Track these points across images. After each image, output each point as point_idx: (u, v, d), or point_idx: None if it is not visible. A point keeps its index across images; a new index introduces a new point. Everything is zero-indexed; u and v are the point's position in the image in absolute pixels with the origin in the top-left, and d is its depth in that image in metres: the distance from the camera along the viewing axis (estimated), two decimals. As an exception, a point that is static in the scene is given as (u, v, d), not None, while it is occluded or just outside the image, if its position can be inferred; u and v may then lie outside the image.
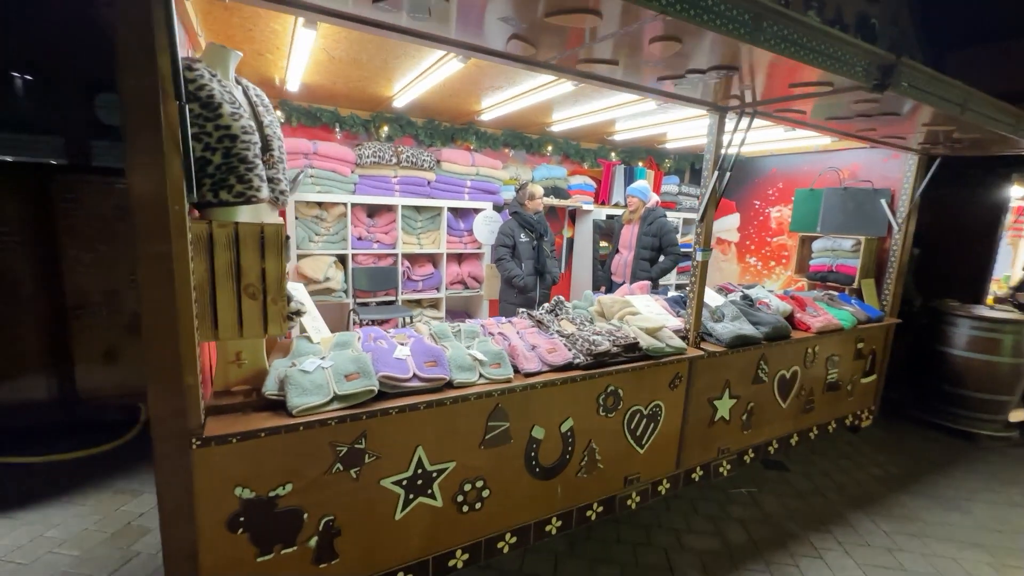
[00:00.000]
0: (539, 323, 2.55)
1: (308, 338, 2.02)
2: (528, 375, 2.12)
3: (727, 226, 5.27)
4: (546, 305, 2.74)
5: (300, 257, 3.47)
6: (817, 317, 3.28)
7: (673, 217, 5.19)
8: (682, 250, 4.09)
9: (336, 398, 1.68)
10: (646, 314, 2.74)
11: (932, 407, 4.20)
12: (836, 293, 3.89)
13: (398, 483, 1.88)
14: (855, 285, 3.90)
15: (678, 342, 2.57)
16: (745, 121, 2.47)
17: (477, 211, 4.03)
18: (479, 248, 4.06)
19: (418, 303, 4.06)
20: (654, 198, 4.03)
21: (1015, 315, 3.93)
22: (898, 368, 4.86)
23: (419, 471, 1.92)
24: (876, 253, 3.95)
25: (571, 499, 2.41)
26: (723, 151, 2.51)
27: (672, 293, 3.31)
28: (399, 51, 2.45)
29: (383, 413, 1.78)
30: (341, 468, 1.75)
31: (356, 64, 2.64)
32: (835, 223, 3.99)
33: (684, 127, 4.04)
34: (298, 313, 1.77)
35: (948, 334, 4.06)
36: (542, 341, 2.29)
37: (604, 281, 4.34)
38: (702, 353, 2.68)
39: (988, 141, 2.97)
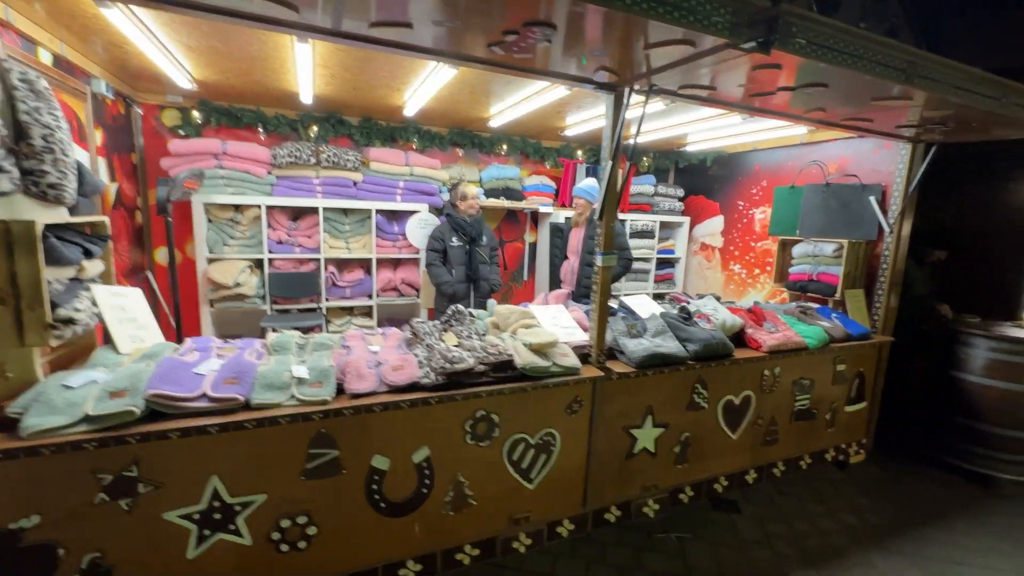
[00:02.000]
0: (415, 335, 2.28)
1: (114, 347, 1.84)
2: (355, 396, 1.85)
3: (711, 230, 4.80)
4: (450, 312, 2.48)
5: (211, 261, 3.37)
6: (774, 334, 2.83)
7: (648, 219, 4.79)
8: (634, 255, 3.70)
9: (86, 419, 1.48)
10: (546, 327, 2.42)
11: (943, 443, 3.58)
12: (815, 305, 3.39)
13: (187, 517, 1.67)
14: (837, 296, 3.38)
15: (571, 361, 2.24)
16: (653, 103, 2.13)
17: (413, 214, 3.81)
18: (416, 253, 3.84)
19: (349, 311, 3.88)
20: (604, 198, 3.67)
21: (1046, 335, 3.28)
22: (913, 396, 4.24)
23: (216, 504, 1.70)
24: (865, 259, 3.42)
25: (435, 539, 2.12)
26: (617, 136, 2.16)
27: (614, 303, 2.94)
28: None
29: (160, 436, 1.58)
30: (107, 499, 1.56)
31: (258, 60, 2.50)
32: (816, 225, 3.49)
33: (655, 123, 3.69)
34: (70, 321, 1.60)
35: (963, 357, 3.46)
36: (393, 357, 2.03)
37: (557, 288, 4.00)
38: (607, 374, 2.32)
39: (982, 121, 2.46)
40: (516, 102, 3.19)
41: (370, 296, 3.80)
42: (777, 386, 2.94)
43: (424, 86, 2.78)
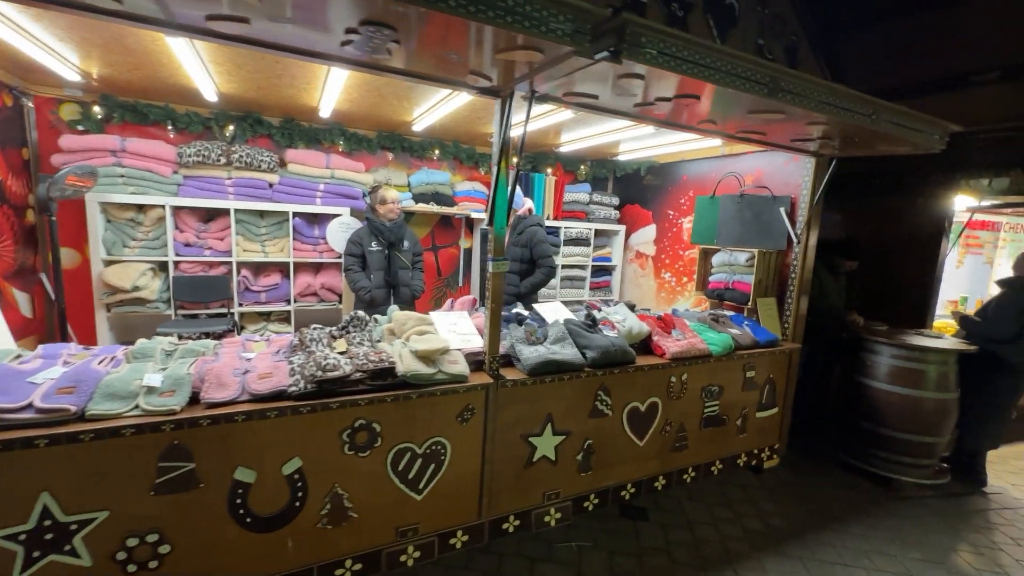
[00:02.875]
0: (301, 342, 2.21)
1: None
2: (213, 405, 1.77)
3: (644, 238, 4.89)
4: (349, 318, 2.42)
5: (108, 264, 3.21)
6: (679, 341, 2.88)
7: (583, 228, 4.84)
8: (556, 263, 3.72)
9: None
10: (441, 334, 2.39)
11: (851, 447, 3.72)
12: (729, 313, 3.47)
13: (12, 538, 1.55)
14: (750, 304, 3.47)
15: (460, 368, 2.22)
16: (562, 111, 2.14)
17: (335, 217, 3.74)
18: (337, 257, 3.76)
19: (266, 317, 3.76)
20: (527, 204, 3.69)
21: (941, 343, 3.45)
22: (831, 402, 4.40)
23: (47, 523, 1.59)
24: (776, 268, 3.54)
25: (310, 554, 2.04)
26: (503, 140, 2.16)
27: (518, 310, 2.94)
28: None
29: (-25, 451, 1.46)
30: (-90, 520, 1.43)
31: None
32: (732, 235, 3.59)
33: (581, 131, 3.74)
34: None
35: (869, 364, 3.61)
36: (264, 364, 1.96)
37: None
38: (500, 381, 2.30)
39: (863, 136, 2.59)
40: (432, 106, 3.17)
41: (288, 301, 3.69)
42: (685, 393, 2.99)
43: (329, 87, 2.73)
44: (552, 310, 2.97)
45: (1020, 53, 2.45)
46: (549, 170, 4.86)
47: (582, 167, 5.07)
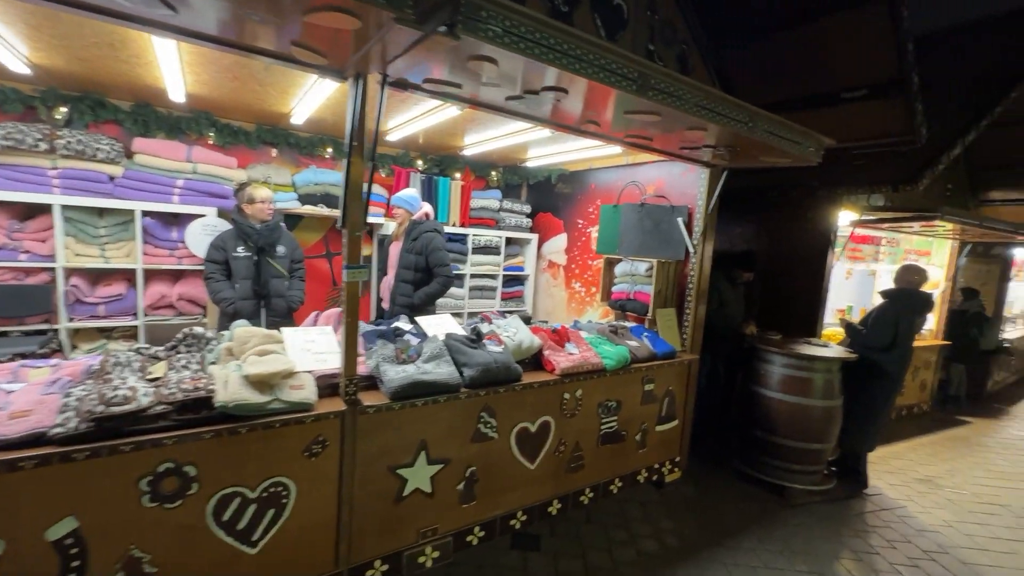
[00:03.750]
0: (102, 367, 1.78)
1: None
2: (-76, 459, 1.33)
3: (556, 247, 4.78)
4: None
5: None
6: (571, 355, 2.72)
7: (493, 235, 4.65)
8: (455, 271, 3.49)
9: None
10: (291, 353, 2.05)
11: (748, 457, 3.76)
12: (630, 324, 3.39)
13: None
14: (650, 315, 3.41)
15: (304, 394, 1.89)
16: (446, 108, 1.89)
17: (197, 218, 3.26)
18: (200, 264, 3.28)
19: (107, 333, 3.19)
20: (423, 209, 3.42)
21: (827, 352, 3.57)
22: (733, 411, 4.47)
23: None
24: (675, 279, 3.51)
25: (94, 639, 1.61)
26: (353, 129, 1.88)
27: (399, 324, 2.66)
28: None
29: None
30: None
31: None
32: (633, 244, 3.54)
33: (486, 132, 3.54)
34: None
35: (762, 373, 3.67)
36: (26, 398, 1.53)
37: (390, 304, 3.65)
38: (357, 408, 2.00)
39: (744, 146, 2.57)
40: (305, 93, 2.83)
41: (135, 315, 3.15)
42: (580, 409, 2.83)
43: (164, 62, 2.32)
44: (438, 324, 2.71)
45: (882, 72, 2.56)
46: (458, 174, 4.63)
47: (493, 173, 4.89)
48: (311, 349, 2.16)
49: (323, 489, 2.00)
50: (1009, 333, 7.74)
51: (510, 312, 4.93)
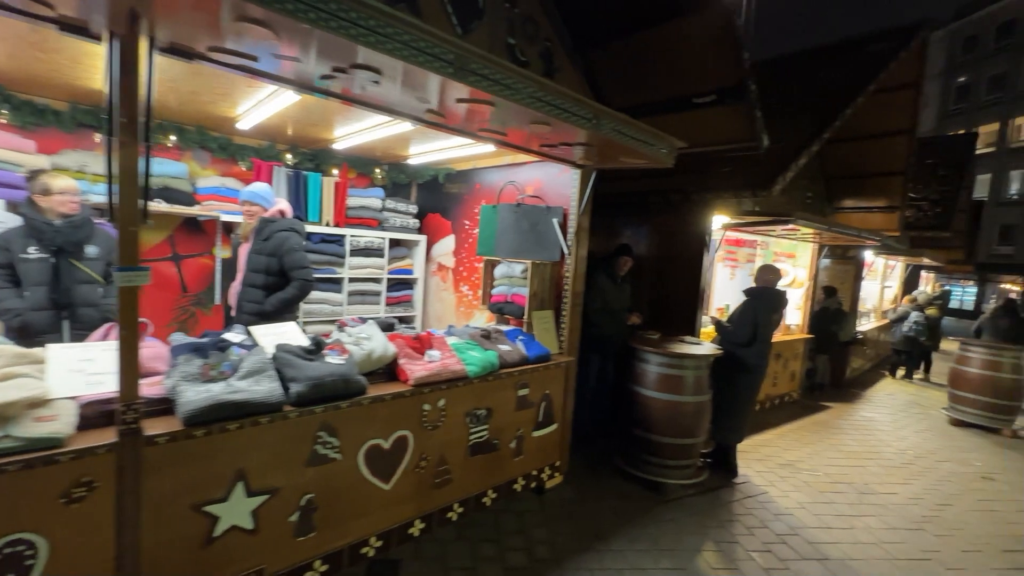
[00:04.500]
0: None
1: None
2: None
3: (445, 249, 4.60)
4: None
5: None
6: (430, 364, 2.53)
7: (375, 237, 4.36)
8: (316, 275, 3.17)
9: None
10: (51, 375, 1.66)
11: (629, 455, 3.80)
12: (505, 328, 3.28)
13: None
14: (526, 317, 3.33)
15: (54, 427, 1.53)
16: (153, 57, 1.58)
17: (-18, 212, 2.67)
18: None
19: None
20: (278, 205, 3.08)
21: (697, 349, 3.71)
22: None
23: None
24: (553, 280, 3.46)
25: None
26: (112, 102, 1.55)
27: (229, 335, 2.32)
28: None
29: None
30: None
31: None
32: (510, 245, 3.44)
33: (354, 125, 3.26)
34: None
35: (639, 371, 3.72)
36: None
37: (236, 312, 3.23)
38: (138, 438, 1.65)
39: (599, 145, 2.55)
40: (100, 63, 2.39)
41: None
42: (444, 420, 2.66)
43: None
44: (277, 333, 2.41)
45: (726, 79, 2.67)
46: (335, 171, 4.29)
47: (377, 170, 4.61)
48: (86, 370, 1.78)
49: (92, 541, 1.63)
50: (863, 326, 8.79)
51: (398, 318, 4.68)
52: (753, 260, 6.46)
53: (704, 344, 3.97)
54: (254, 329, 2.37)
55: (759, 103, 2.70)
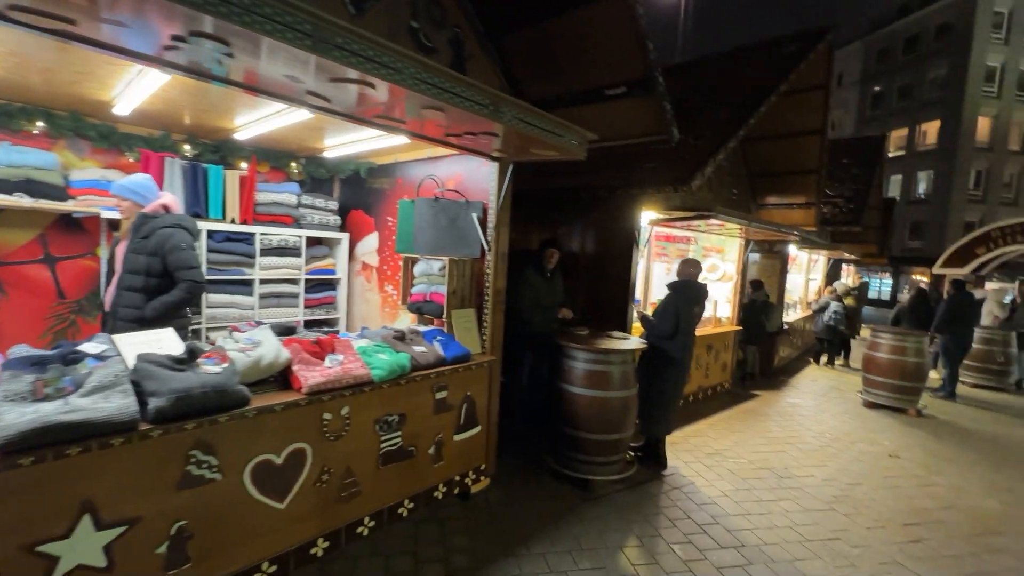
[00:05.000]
0: None
1: None
2: None
3: (368, 248, 4.38)
4: None
5: None
6: (329, 369, 2.34)
7: (290, 235, 4.08)
8: (222, 277, 2.89)
9: None
10: None
11: (557, 454, 3.75)
12: (422, 328, 3.13)
13: None
14: (445, 316, 3.19)
15: None
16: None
17: None
18: None
19: None
20: (162, 199, 2.78)
21: (623, 344, 3.70)
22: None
23: None
24: (474, 277, 3.34)
25: None
26: None
27: (86, 346, 2.04)
28: None
29: None
30: None
31: None
32: (428, 242, 3.29)
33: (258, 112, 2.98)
34: None
35: (566, 368, 3.67)
36: None
37: (109, 319, 2.89)
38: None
39: (506, 136, 2.45)
40: None
41: None
42: (349, 430, 2.48)
43: None
44: (145, 342, 2.14)
45: (634, 70, 2.65)
46: (245, 164, 3.97)
47: (293, 164, 4.32)
48: None
49: None
50: (790, 316, 9.29)
51: (317, 322, 4.41)
52: (686, 255, 6.64)
53: (631, 339, 3.99)
54: (118, 338, 2.10)
55: (668, 96, 2.70)
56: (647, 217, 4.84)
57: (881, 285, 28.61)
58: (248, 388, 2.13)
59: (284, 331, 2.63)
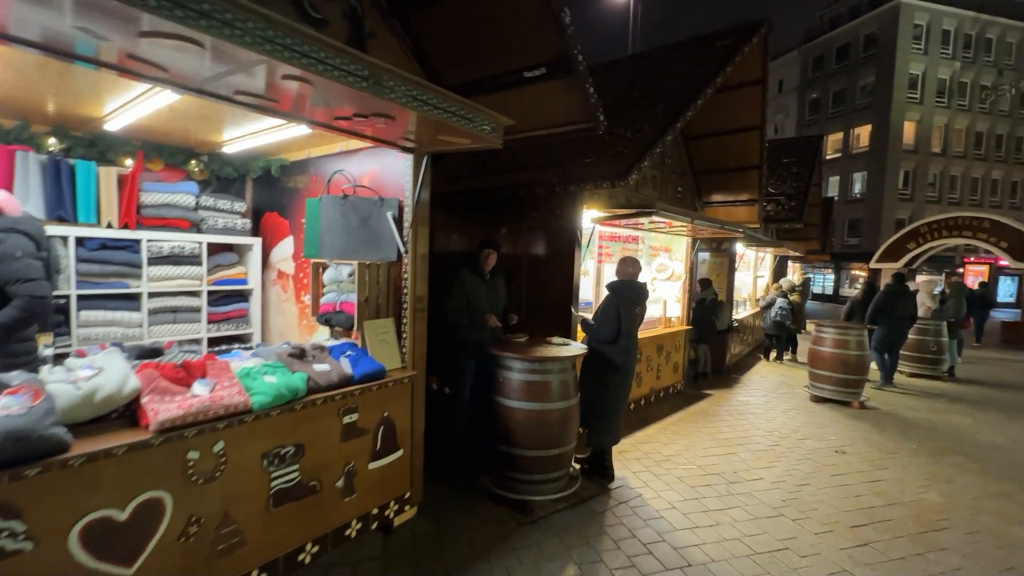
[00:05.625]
0: None
1: None
2: None
3: (284, 254, 3.95)
4: None
5: None
6: (191, 399, 1.93)
7: (187, 241, 3.59)
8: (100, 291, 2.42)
9: None
10: None
11: (494, 474, 3.44)
12: (330, 343, 2.75)
13: None
14: (356, 328, 2.82)
15: None
16: None
17: None
18: None
19: None
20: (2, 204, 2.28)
21: (561, 351, 3.44)
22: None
23: None
24: (391, 283, 2.99)
25: None
26: None
27: None
28: None
29: None
30: None
31: None
32: (337, 244, 2.91)
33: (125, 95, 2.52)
34: None
35: (501, 381, 3.37)
36: None
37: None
38: None
39: (400, 116, 2.12)
40: None
41: None
42: (226, 469, 2.07)
43: None
44: (-66, 376, 1.67)
45: (553, 48, 2.39)
46: (129, 160, 3.46)
47: (193, 162, 3.82)
48: None
49: None
50: (740, 314, 9.38)
51: (226, 338, 3.93)
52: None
53: (572, 344, 3.73)
54: None
55: (590, 77, 2.46)
56: (589, 216, 4.63)
57: (824, 280, 30.07)
58: (76, 428, 1.72)
59: (145, 353, 2.20)
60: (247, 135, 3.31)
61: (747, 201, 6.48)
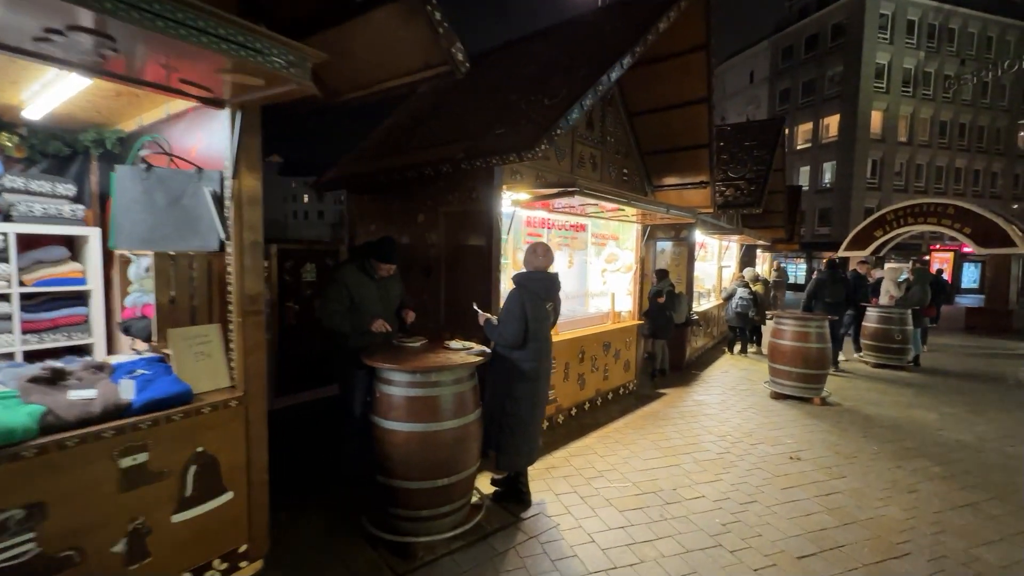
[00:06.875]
0: None
1: None
2: None
3: (126, 247, 3.20)
4: None
5: None
6: None
7: (-14, 232, 2.86)
8: None
9: None
10: None
11: (373, 512, 2.82)
12: (114, 361, 2.08)
13: None
14: (155, 339, 2.16)
15: None
16: None
17: None
18: None
19: None
20: None
21: (454, 358, 2.83)
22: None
23: None
24: (218, 281, 2.32)
25: None
26: None
27: None
28: None
29: None
30: None
31: None
32: (138, 231, 2.23)
33: None
34: None
35: (380, 397, 2.75)
36: None
37: None
38: None
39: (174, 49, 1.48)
40: None
41: None
42: None
43: None
44: None
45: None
46: (-97, 132, 2.72)
47: (4, 135, 3.09)
48: None
49: None
50: (702, 306, 8.94)
51: (55, 351, 3.20)
52: (585, 245, 5.93)
53: (473, 347, 3.12)
54: None
55: (435, 1, 1.85)
56: (511, 199, 4.03)
57: (797, 270, 30.17)
58: None
59: None
60: (34, 87, 2.57)
61: (700, 184, 5.96)
